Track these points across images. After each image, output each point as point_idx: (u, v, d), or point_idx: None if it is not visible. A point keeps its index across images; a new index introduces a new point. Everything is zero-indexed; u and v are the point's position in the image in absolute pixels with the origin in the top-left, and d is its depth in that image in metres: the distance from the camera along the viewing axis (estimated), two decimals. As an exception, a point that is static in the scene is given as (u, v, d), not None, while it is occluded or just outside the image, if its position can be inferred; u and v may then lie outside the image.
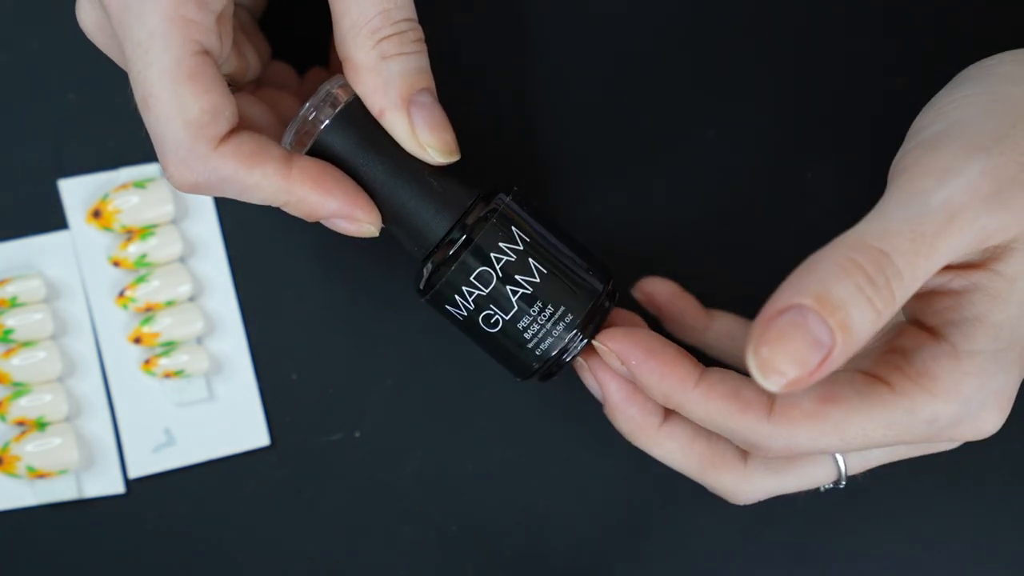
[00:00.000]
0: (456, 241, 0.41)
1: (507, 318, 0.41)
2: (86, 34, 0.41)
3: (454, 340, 0.49)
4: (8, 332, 0.49)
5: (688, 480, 0.50)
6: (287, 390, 0.50)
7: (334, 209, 0.40)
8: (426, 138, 0.40)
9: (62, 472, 0.49)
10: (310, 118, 0.40)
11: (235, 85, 0.43)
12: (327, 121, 0.40)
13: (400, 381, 0.50)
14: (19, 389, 0.49)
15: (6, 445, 0.49)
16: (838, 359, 0.33)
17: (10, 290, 0.49)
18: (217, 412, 0.50)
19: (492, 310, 0.41)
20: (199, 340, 0.50)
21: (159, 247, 0.49)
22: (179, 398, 0.50)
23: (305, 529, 0.50)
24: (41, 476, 0.49)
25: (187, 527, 0.50)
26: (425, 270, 0.42)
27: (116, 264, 0.49)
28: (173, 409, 0.50)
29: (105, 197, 0.49)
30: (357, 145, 0.40)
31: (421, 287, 0.42)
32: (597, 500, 0.50)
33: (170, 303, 0.49)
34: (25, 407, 0.49)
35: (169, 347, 0.49)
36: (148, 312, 0.49)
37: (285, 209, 0.40)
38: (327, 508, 0.50)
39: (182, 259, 0.50)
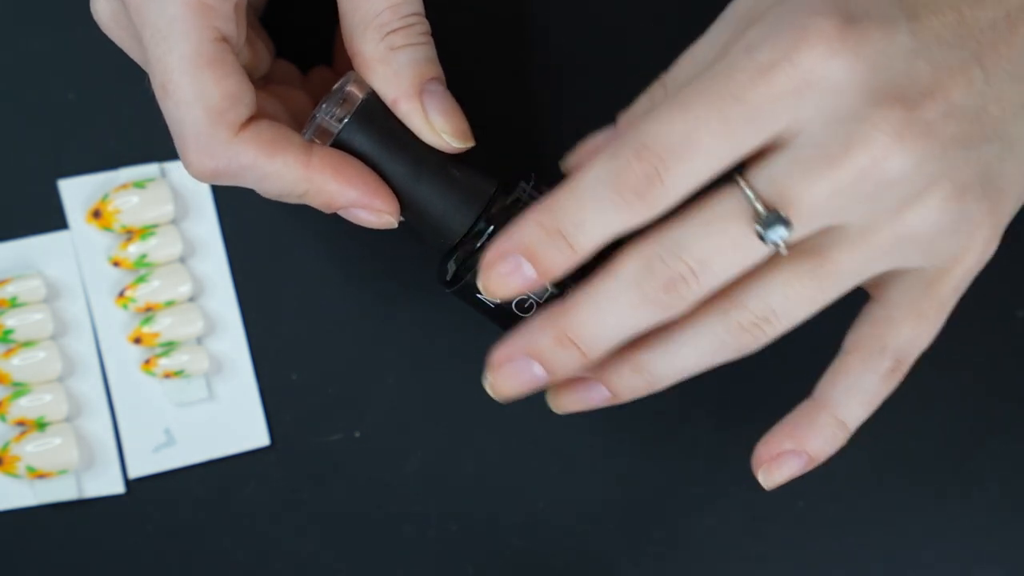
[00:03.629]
0: (483, 232, 0.41)
1: (542, 302, 0.41)
2: (101, 27, 0.41)
3: (455, 339, 0.49)
4: (8, 332, 0.49)
5: (688, 480, 0.50)
6: (287, 390, 0.50)
7: (354, 198, 0.40)
8: (440, 124, 0.40)
9: (62, 472, 0.49)
10: (327, 117, 0.40)
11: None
12: (346, 119, 0.40)
13: (401, 380, 0.50)
14: (19, 389, 0.49)
15: (6, 445, 0.49)
16: None
17: (10, 290, 0.49)
18: (217, 412, 0.50)
19: (526, 295, 0.41)
20: (199, 340, 0.50)
21: (159, 247, 0.49)
22: (179, 398, 0.50)
23: (305, 529, 0.50)
24: (41, 476, 0.49)
25: (187, 527, 0.50)
26: (451, 264, 0.42)
27: (116, 264, 0.49)
28: (173, 409, 0.50)
29: (105, 197, 0.49)
30: (377, 141, 0.40)
31: (449, 279, 0.42)
32: (597, 500, 0.50)
33: (170, 303, 0.49)
34: (25, 407, 0.49)
35: (169, 347, 0.49)
36: (148, 312, 0.49)
37: (303, 199, 0.40)
38: (327, 508, 0.50)
39: (182, 259, 0.50)
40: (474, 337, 0.47)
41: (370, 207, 0.40)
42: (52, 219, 0.50)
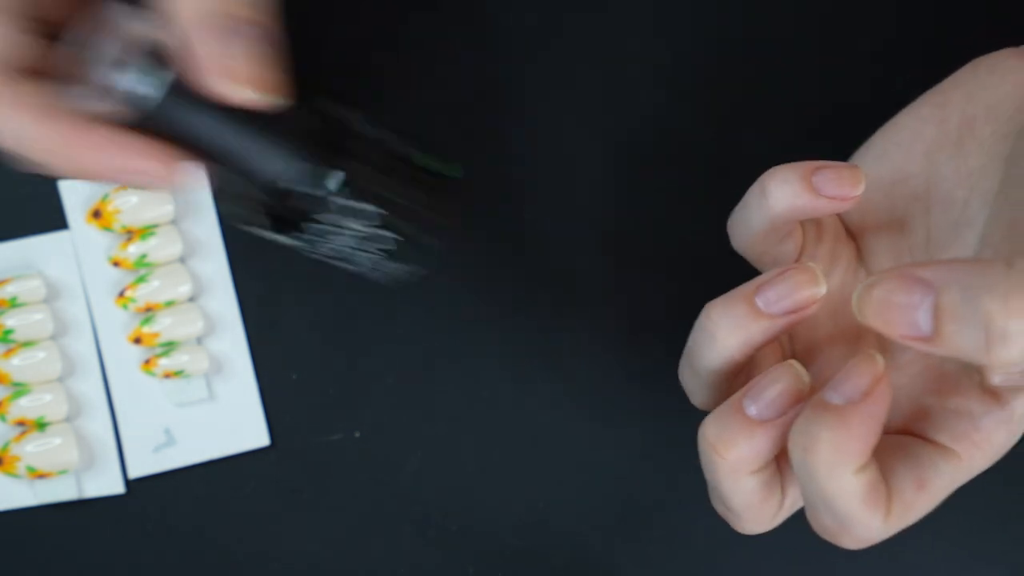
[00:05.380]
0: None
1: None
2: None
3: (455, 339, 0.49)
4: (8, 332, 0.49)
5: (689, 480, 0.50)
6: (287, 390, 0.50)
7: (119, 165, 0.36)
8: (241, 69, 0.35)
9: (62, 472, 0.49)
10: (104, 82, 0.35)
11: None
12: (137, 89, 0.35)
13: (400, 381, 0.50)
14: (19, 389, 0.49)
15: (6, 445, 0.49)
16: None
17: (10, 290, 0.49)
18: (217, 412, 0.50)
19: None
20: (199, 340, 0.50)
21: (159, 247, 0.49)
22: (179, 398, 0.50)
23: (305, 529, 0.50)
24: (41, 476, 0.49)
25: (187, 527, 0.50)
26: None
27: (116, 264, 0.49)
28: (173, 409, 0.50)
29: (105, 197, 0.49)
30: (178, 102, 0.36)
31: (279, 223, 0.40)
32: (597, 500, 0.50)
33: (170, 303, 0.49)
34: (25, 407, 0.49)
35: (169, 347, 0.49)
36: (148, 312, 0.49)
37: (49, 162, 0.36)
38: (327, 508, 0.50)
39: (182, 259, 0.50)
40: (474, 337, 0.47)
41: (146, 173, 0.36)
42: (52, 219, 0.50)
